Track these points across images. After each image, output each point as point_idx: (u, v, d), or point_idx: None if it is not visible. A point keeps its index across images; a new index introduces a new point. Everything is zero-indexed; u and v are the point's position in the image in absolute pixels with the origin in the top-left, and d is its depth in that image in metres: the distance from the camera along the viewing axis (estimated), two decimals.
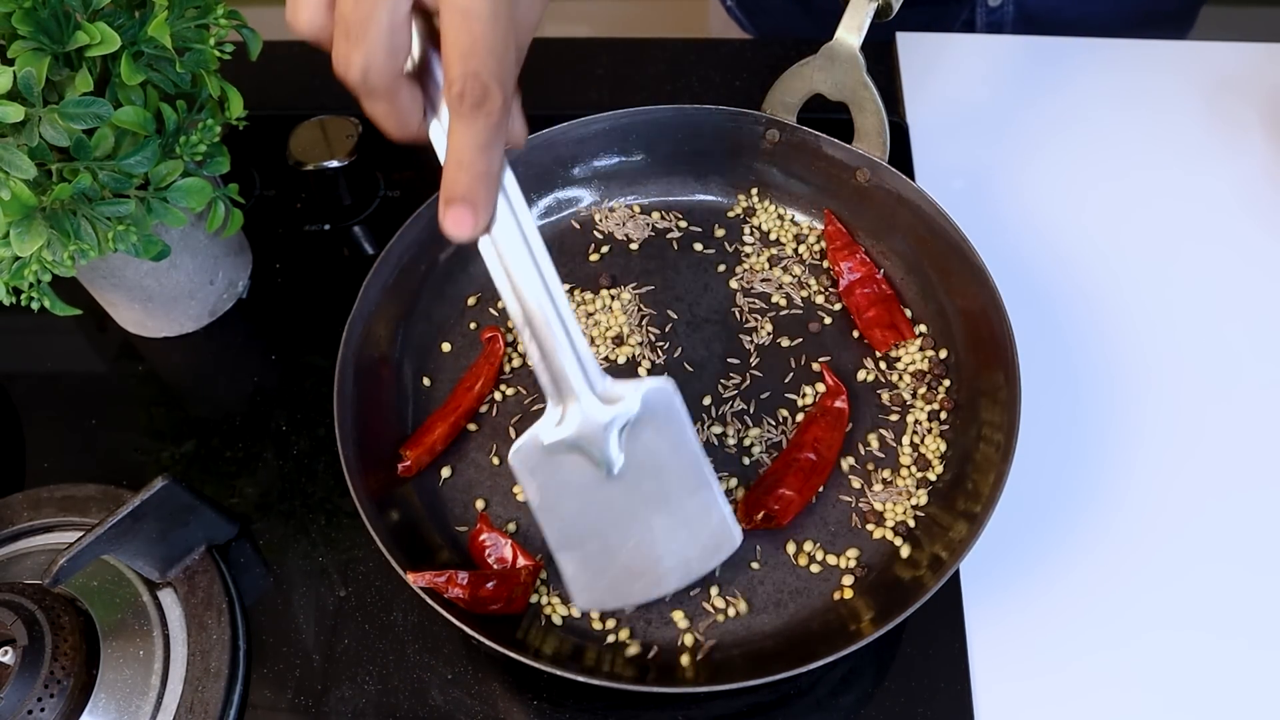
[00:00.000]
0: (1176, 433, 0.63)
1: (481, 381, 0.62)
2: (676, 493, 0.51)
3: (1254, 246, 0.71)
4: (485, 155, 0.40)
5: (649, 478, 0.50)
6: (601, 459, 0.49)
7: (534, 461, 0.49)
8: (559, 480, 0.49)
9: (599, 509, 0.50)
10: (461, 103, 0.39)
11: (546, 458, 0.49)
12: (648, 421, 0.49)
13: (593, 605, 0.53)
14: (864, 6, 0.63)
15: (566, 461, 0.49)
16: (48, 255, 0.53)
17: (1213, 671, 0.55)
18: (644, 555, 0.51)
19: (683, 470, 0.50)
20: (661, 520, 0.51)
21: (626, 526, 0.51)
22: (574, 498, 0.50)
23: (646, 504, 0.50)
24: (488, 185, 0.41)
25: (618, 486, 0.49)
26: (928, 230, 0.63)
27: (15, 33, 0.49)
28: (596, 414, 0.48)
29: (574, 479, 0.49)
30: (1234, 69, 0.80)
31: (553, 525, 0.50)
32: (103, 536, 0.51)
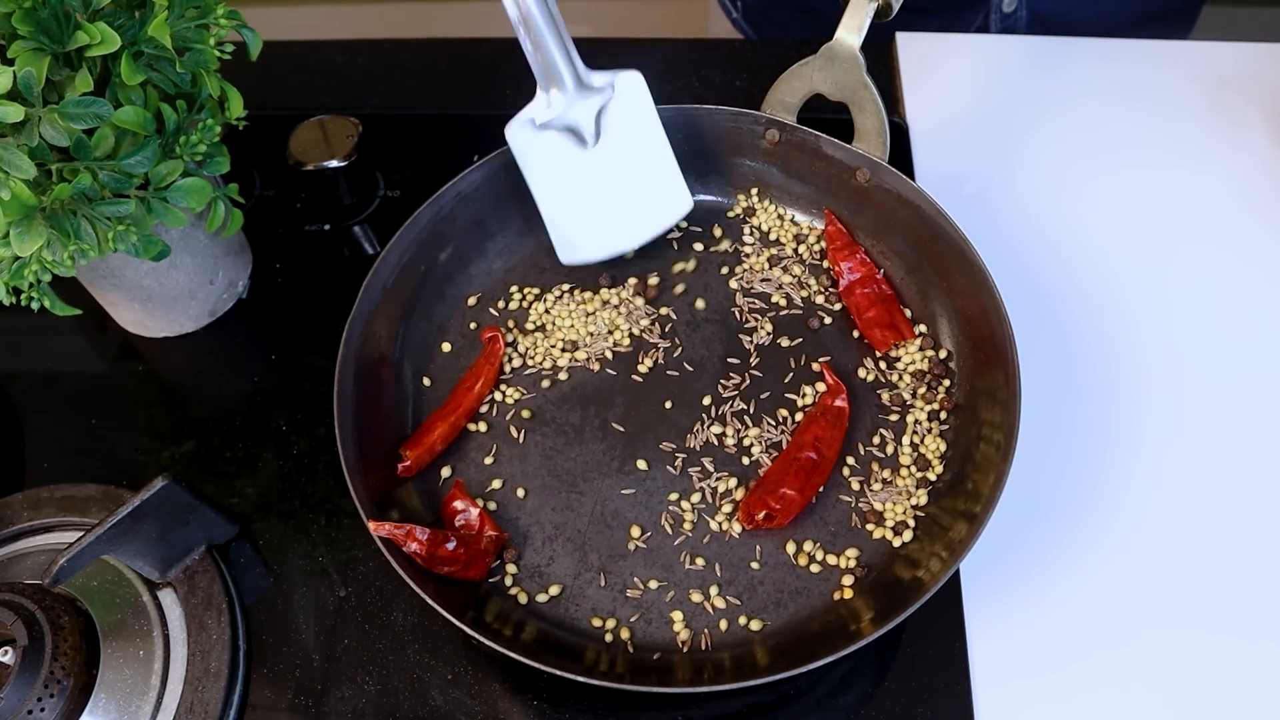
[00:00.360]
0: (1177, 432, 0.63)
1: (481, 381, 0.62)
2: (641, 163, 0.62)
3: (1256, 245, 0.71)
4: None
5: (620, 151, 0.61)
6: (583, 134, 0.60)
7: (526, 137, 0.59)
8: (548, 154, 0.60)
9: (580, 177, 0.61)
10: None
11: (537, 135, 0.59)
12: (620, 104, 0.60)
13: (575, 259, 0.63)
14: (864, 6, 0.63)
15: (553, 139, 0.60)
16: (48, 255, 0.53)
17: (1213, 671, 0.55)
18: (615, 214, 0.62)
19: (647, 145, 0.62)
20: (630, 186, 0.62)
21: (602, 191, 0.61)
22: (559, 168, 0.60)
23: (618, 172, 0.61)
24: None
25: (595, 158, 0.60)
26: (928, 230, 0.63)
27: (15, 33, 0.49)
28: (580, 96, 0.58)
29: (560, 153, 0.60)
30: (1236, 68, 0.80)
31: (543, 193, 0.61)
32: (103, 536, 0.51)
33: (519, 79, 0.83)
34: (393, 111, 0.80)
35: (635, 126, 0.61)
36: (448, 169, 0.65)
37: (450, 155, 0.74)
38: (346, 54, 0.85)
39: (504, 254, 0.68)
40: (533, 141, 0.60)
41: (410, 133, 0.78)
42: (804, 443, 0.59)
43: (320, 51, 0.85)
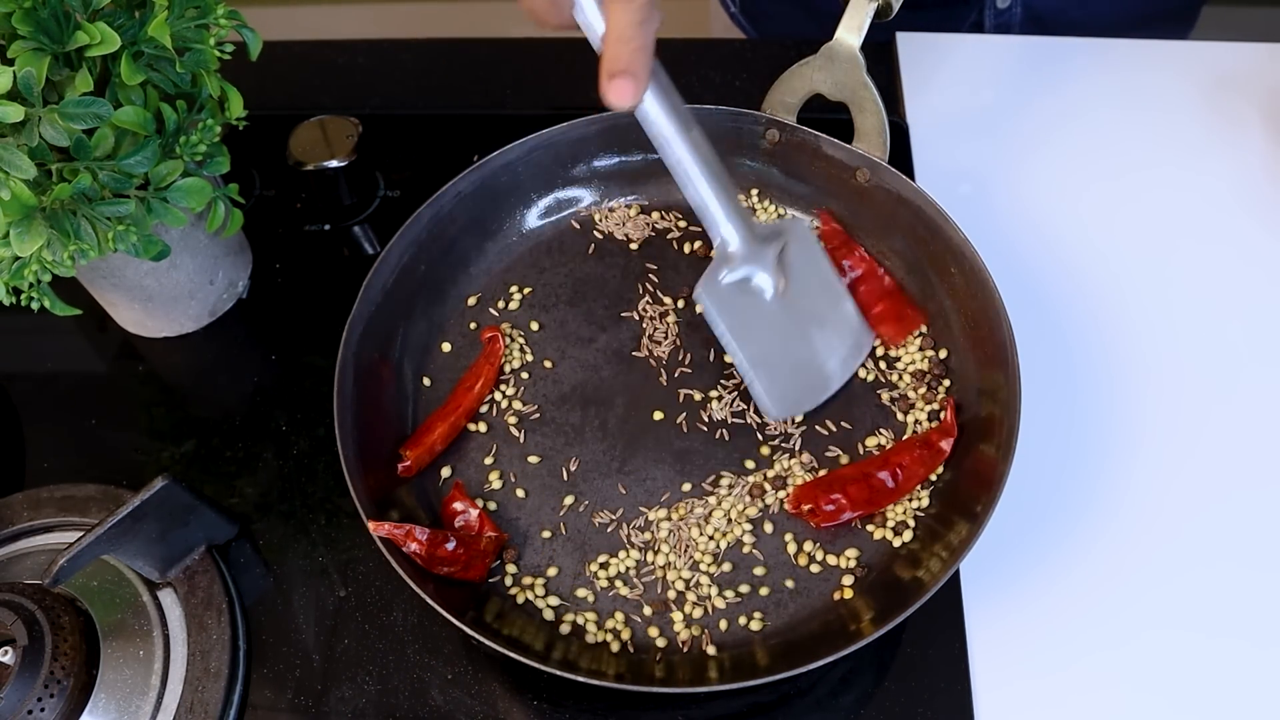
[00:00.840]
0: (1176, 432, 0.63)
1: (481, 381, 0.62)
2: (823, 306, 0.61)
3: (1254, 245, 0.71)
4: (642, 30, 0.46)
5: (802, 296, 0.59)
6: (765, 285, 0.57)
7: (716, 297, 0.57)
8: (739, 311, 0.58)
9: (772, 329, 0.59)
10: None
11: (724, 293, 0.57)
12: (792, 251, 0.58)
13: (785, 413, 0.60)
14: (864, 6, 0.63)
15: (739, 295, 0.58)
16: (48, 255, 0.53)
17: (1213, 671, 0.55)
18: (812, 362, 0.60)
19: (824, 287, 0.61)
20: (818, 331, 0.60)
21: (795, 340, 0.60)
22: (752, 323, 0.58)
23: (805, 319, 0.60)
24: (645, 57, 0.47)
25: (781, 308, 0.58)
26: (928, 230, 0.63)
27: (15, 33, 0.49)
28: (755, 250, 0.56)
29: (749, 308, 0.58)
30: (1235, 68, 0.80)
31: (744, 349, 0.58)
32: (103, 536, 0.51)
33: (519, 79, 0.83)
34: (393, 111, 0.80)
35: (809, 270, 0.59)
36: (448, 169, 0.65)
37: (450, 155, 0.74)
38: (346, 54, 0.85)
39: (504, 254, 0.68)
40: (723, 301, 0.57)
41: (410, 133, 0.78)
42: (888, 464, 0.58)
43: (320, 51, 0.85)
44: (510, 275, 0.68)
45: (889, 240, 0.66)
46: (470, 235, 0.67)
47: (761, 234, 0.56)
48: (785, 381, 0.59)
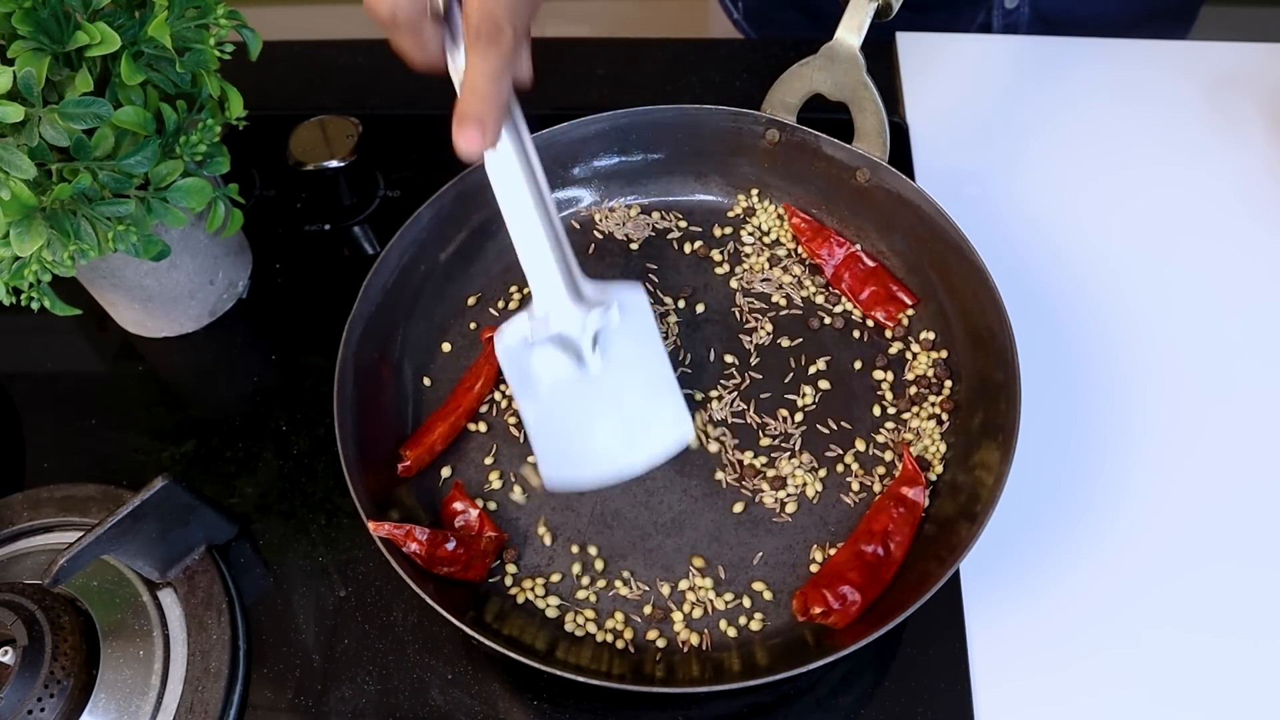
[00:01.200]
0: (1177, 431, 0.63)
1: (482, 381, 0.62)
2: (641, 386, 0.55)
3: (1256, 244, 0.71)
4: (496, 84, 0.47)
5: (618, 371, 0.55)
6: (577, 348, 0.53)
7: (516, 352, 0.54)
8: (537, 369, 0.54)
9: (572, 397, 0.55)
10: (478, 38, 0.46)
11: (527, 349, 0.54)
12: (620, 321, 0.54)
13: (559, 485, 0.55)
14: (864, 6, 0.63)
15: (545, 353, 0.54)
16: (48, 255, 0.53)
17: (1214, 671, 0.55)
18: (609, 441, 0.55)
19: (648, 366, 0.55)
20: (627, 410, 0.55)
21: (596, 414, 0.55)
22: (550, 385, 0.54)
23: (615, 395, 0.55)
24: (496, 109, 0.48)
25: (591, 379, 0.54)
26: (928, 230, 0.63)
27: (15, 33, 0.49)
28: (576, 316, 0.53)
29: (551, 369, 0.54)
30: (1235, 68, 0.80)
31: (529, 409, 0.55)
32: (103, 536, 0.51)
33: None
34: (393, 111, 0.80)
35: (635, 344, 0.55)
36: (448, 169, 0.65)
37: (450, 155, 0.74)
38: (346, 54, 0.85)
39: (504, 254, 0.68)
40: (522, 355, 0.54)
41: (410, 133, 0.78)
42: (872, 534, 0.55)
43: (320, 51, 0.85)
44: (510, 275, 0.68)
45: (889, 240, 0.66)
46: (470, 235, 0.67)
47: (585, 295, 0.53)
48: (569, 452, 0.55)
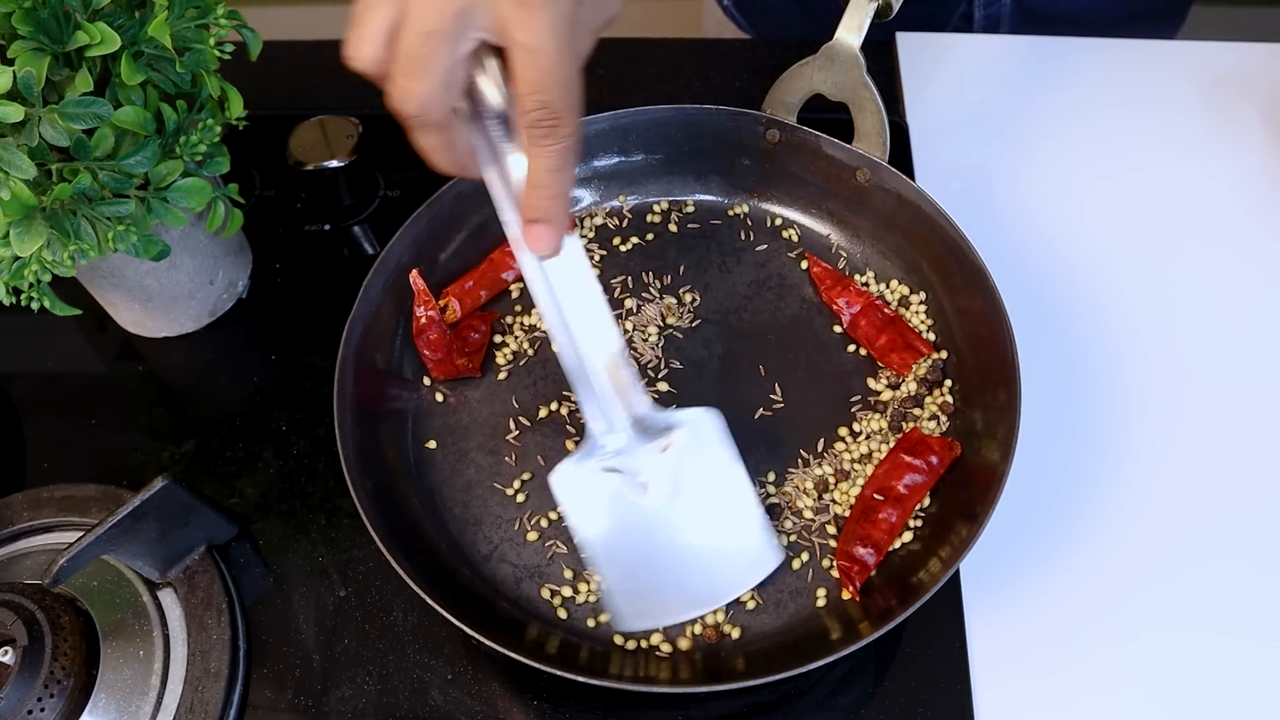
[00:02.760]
0: (1177, 431, 0.63)
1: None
2: (716, 515, 0.53)
3: (1253, 245, 0.71)
4: (559, 177, 0.44)
5: (689, 500, 0.52)
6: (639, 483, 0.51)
7: (573, 484, 0.52)
8: (600, 502, 0.52)
9: (638, 529, 0.52)
10: (537, 130, 0.43)
11: (586, 481, 0.52)
12: (688, 447, 0.52)
13: (634, 626, 0.52)
14: (864, 6, 0.63)
15: (607, 484, 0.52)
16: (48, 255, 0.53)
17: (1214, 672, 0.55)
18: (683, 575, 0.53)
19: (722, 494, 0.53)
20: (701, 541, 0.53)
21: (666, 547, 0.52)
22: (614, 518, 0.52)
23: (686, 526, 0.53)
24: (562, 204, 0.45)
25: (657, 508, 0.52)
26: (928, 230, 0.63)
27: (15, 33, 0.49)
28: (635, 442, 0.51)
29: (614, 501, 0.52)
30: (1232, 68, 0.80)
31: (593, 544, 0.52)
32: (103, 536, 0.51)
33: None
34: None
35: (707, 472, 0.53)
36: None
37: None
38: None
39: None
40: (582, 489, 0.51)
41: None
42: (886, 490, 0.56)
43: (320, 51, 0.85)
44: (510, 274, 0.68)
45: (889, 240, 0.66)
46: (470, 235, 0.67)
47: (651, 426, 0.51)
48: (640, 589, 0.52)
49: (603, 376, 0.49)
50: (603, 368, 0.49)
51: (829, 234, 0.69)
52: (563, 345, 0.49)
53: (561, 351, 0.49)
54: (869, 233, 0.67)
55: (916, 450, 0.57)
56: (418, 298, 0.60)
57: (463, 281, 0.65)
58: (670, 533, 0.52)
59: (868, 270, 0.67)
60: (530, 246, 0.46)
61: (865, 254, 0.68)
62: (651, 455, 0.51)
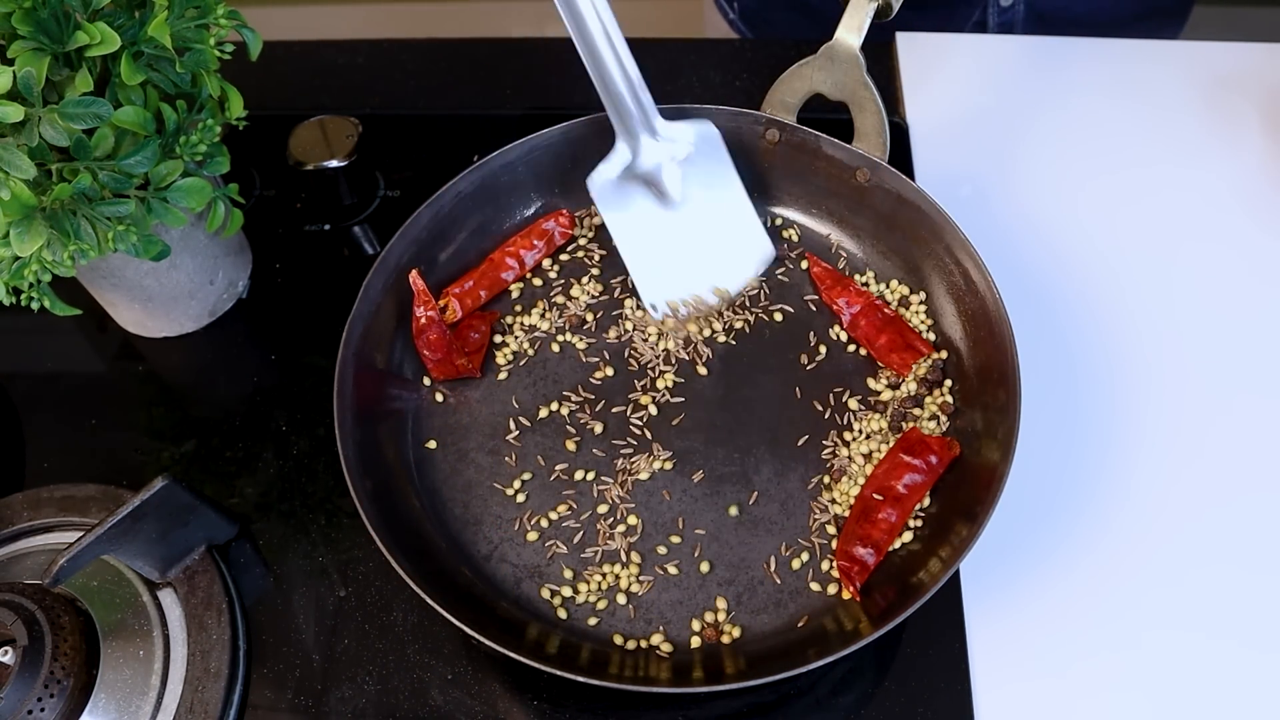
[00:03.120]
0: (1177, 431, 0.63)
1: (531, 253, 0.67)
2: (724, 212, 0.63)
3: (1253, 245, 0.71)
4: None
5: (701, 201, 0.62)
6: (662, 186, 0.61)
7: (608, 190, 0.62)
8: (629, 204, 0.62)
9: (660, 227, 0.62)
10: None
11: (618, 186, 0.61)
12: (697, 155, 0.61)
13: (660, 298, 0.63)
14: (864, 6, 0.63)
15: (634, 190, 0.62)
16: (48, 255, 0.53)
17: (1215, 673, 0.55)
18: (698, 262, 0.63)
19: (727, 194, 0.63)
20: (712, 237, 0.63)
21: (683, 240, 0.62)
22: (641, 218, 0.62)
23: (698, 221, 0.62)
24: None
25: (677, 210, 0.62)
26: (928, 230, 0.63)
27: (15, 33, 0.49)
28: (657, 148, 0.60)
29: (641, 203, 0.62)
30: (1233, 68, 0.80)
31: (623, 239, 0.63)
32: (103, 536, 0.51)
33: (519, 79, 0.83)
34: (393, 111, 0.80)
35: (713, 176, 0.62)
36: (448, 169, 0.65)
37: (450, 155, 0.74)
38: (346, 54, 0.85)
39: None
40: (614, 194, 0.62)
41: (410, 133, 0.78)
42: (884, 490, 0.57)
43: (320, 51, 0.85)
44: (510, 275, 0.68)
45: (889, 240, 0.66)
46: (470, 235, 0.67)
47: (663, 134, 0.60)
48: (662, 274, 0.63)
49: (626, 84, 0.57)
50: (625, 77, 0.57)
51: (829, 234, 0.69)
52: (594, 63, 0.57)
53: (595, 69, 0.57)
54: (869, 233, 0.67)
55: (916, 450, 0.57)
56: (417, 298, 0.60)
57: (463, 281, 0.65)
58: (686, 227, 0.62)
59: (868, 270, 0.67)
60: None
61: (865, 254, 0.68)
62: (667, 160, 0.60)
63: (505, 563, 0.57)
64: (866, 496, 0.57)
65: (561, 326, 0.66)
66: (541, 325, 0.66)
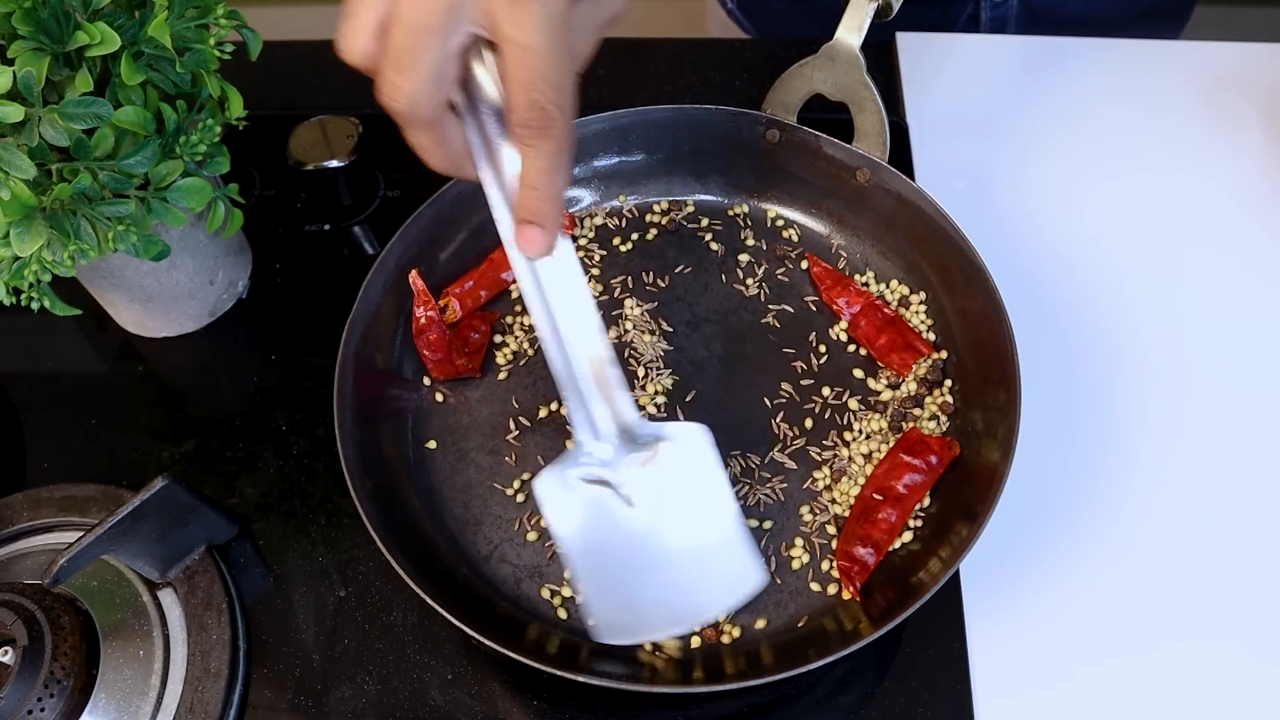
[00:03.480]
0: (1178, 432, 0.63)
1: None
2: (699, 533, 0.52)
3: (1253, 245, 0.71)
4: (552, 179, 0.43)
5: (672, 516, 0.51)
6: (624, 493, 0.51)
7: (556, 492, 0.51)
8: (583, 511, 0.51)
9: (621, 542, 0.51)
10: (528, 130, 0.41)
11: (569, 490, 0.51)
12: (674, 462, 0.51)
13: (611, 638, 0.52)
14: (864, 6, 0.63)
15: (590, 494, 0.51)
16: (48, 255, 0.53)
17: (1215, 675, 0.55)
18: (665, 591, 0.52)
19: (706, 511, 0.52)
20: (683, 558, 0.52)
21: (648, 561, 0.51)
22: (596, 529, 0.51)
23: (668, 541, 0.51)
24: (555, 206, 0.44)
25: (641, 521, 0.51)
26: (928, 230, 0.63)
27: (15, 33, 0.49)
28: (620, 453, 0.50)
29: (597, 511, 0.51)
30: (1233, 68, 0.80)
31: (574, 553, 0.51)
32: (103, 536, 0.51)
33: None
34: None
35: (691, 488, 0.52)
36: None
37: None
38: None
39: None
40: (564, 497, 0.51)
41: None
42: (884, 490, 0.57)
43: (320, 51, 0.85)
44: (510, 275, 0.68)
45: (889, 240, 0.66)
46: (470, 235, 0.67)
47: (638, 436, 0.50)
48: (620, 602, 0.51)
49: (589, 382, 0.48)
50: (590, 373, 0.48)
51: (829, 234, 0.69)
52: (551, 348, 0.48)
53: (550, 355, 0.48)
54: (869, 233, 0.67)
55: (915, 450, 0.57)
56: (417, 298, 0.60)
57: (463, 281, 0.65)
58: (652, 548, 0.51)
59: (868, 270, 0.67)
60: (521, 248, 0.45)
61: (865, 254, 0.68)
62: (635, 468, 0.50)
63: (505, 563, 0.57)
64: (866, 496, 0.57)
65: None
66: None
